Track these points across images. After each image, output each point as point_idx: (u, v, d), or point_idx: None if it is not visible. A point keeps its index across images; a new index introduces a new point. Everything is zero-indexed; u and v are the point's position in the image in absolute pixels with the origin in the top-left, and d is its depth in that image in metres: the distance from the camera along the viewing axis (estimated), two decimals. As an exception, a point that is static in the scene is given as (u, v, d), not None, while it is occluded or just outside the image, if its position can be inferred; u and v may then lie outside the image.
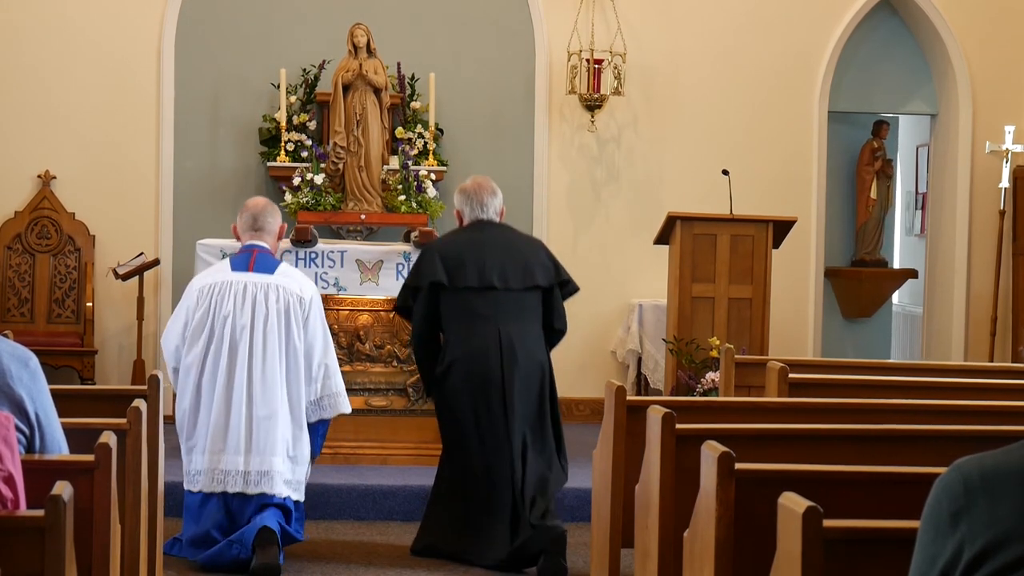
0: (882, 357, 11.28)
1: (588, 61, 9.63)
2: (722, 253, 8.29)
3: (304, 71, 9.63)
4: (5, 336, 3.63)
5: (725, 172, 8.57)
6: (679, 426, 4.16)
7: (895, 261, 11.80)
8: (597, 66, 9.62)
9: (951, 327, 10.24)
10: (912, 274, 11.22)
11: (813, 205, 10.02)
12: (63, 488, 2.97)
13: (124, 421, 4.22)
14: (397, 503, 6.95)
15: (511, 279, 6.16)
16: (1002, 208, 10.08)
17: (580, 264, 9.00)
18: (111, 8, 9.51)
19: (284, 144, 9.42)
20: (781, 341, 9.29)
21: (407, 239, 8.07)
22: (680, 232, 8.27)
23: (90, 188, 9.49)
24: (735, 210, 8.48)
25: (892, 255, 11.74)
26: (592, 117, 9.72)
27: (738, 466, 3.40)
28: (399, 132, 9.55)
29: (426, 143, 9.48)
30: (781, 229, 8.43)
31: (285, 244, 7.68)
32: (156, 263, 9.27)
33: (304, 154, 9.40)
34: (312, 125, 9.58)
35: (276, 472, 5.78)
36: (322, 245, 7.88)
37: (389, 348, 7.70)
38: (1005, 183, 9.98)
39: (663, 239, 8.47)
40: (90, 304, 9.29)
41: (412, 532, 6.45)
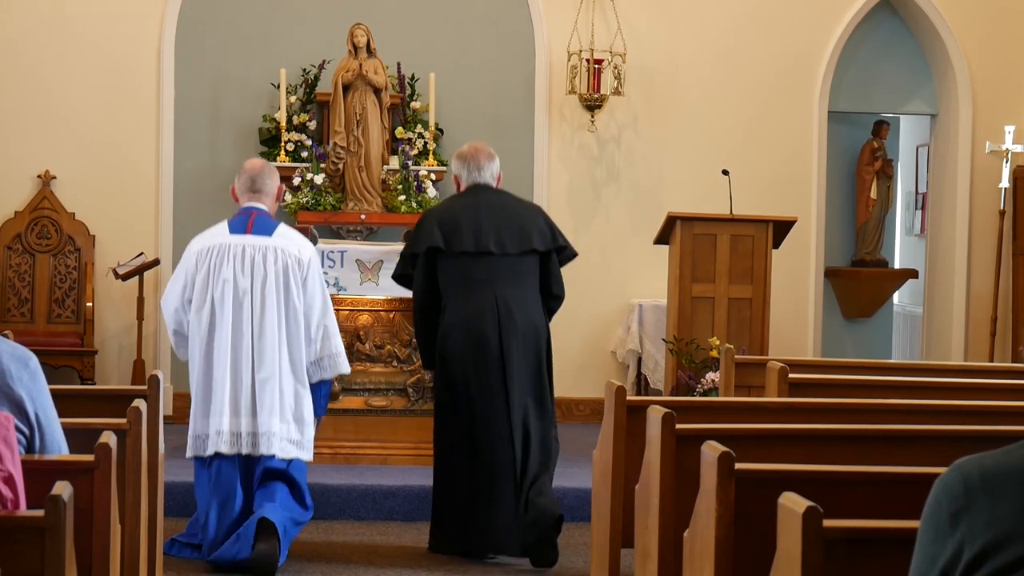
0: (882, 357, 11.27)
1: (588, 61, 9.63)
2: (722, 253, 8.28)
3: (304, 71, 9.63)
4: (5, 336, 3.64)
5: (725, 172, 8.56)
6: (679, 426, 4.16)
7: (895, 261, 11.79)
8: (597, 66, 9.62)
9: (951, 327, 10.24)
10: (912, 274, 11.21)
11: (813, 205, 10.02)
12: (63, 488, 2.97)
13: (124, 421, 4.22)
14: (397, 503, 6.95)
15: (508, 243, 6.11)
16: (1002, 208, 10.07)
17: (580, 264, 8.94)
18: (111, 8, 9.51)
19: (284, 144, 9.42)
20: (781, 341, 9.29)
21: (407, 239, 8.06)
22: (680, 232, 8.27)
23: (90, 188, 9.49)
24: (735, 210, 8.48)
25: (892, 255, 11.74)
26: (592, 117, 9.71)
27: (738, 466, 3.40)
28: (399, 132, 9.55)
29: (426, 143, 9.48)
30: (781, 229, 8.43)
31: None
32: (156, 263, 9.27)
33: (304, 154, 9.40)
34: (312, 125, 9.58)
35: (275, 433, 5.76)
36: (322, 245, 7.88)
37: (389, 348, 7.70)
38: (1005, 183, 9.98)
39: (663, 239, 8.47)
40: (90, 304, 9.29)
41: (412, 532, 6.45)
